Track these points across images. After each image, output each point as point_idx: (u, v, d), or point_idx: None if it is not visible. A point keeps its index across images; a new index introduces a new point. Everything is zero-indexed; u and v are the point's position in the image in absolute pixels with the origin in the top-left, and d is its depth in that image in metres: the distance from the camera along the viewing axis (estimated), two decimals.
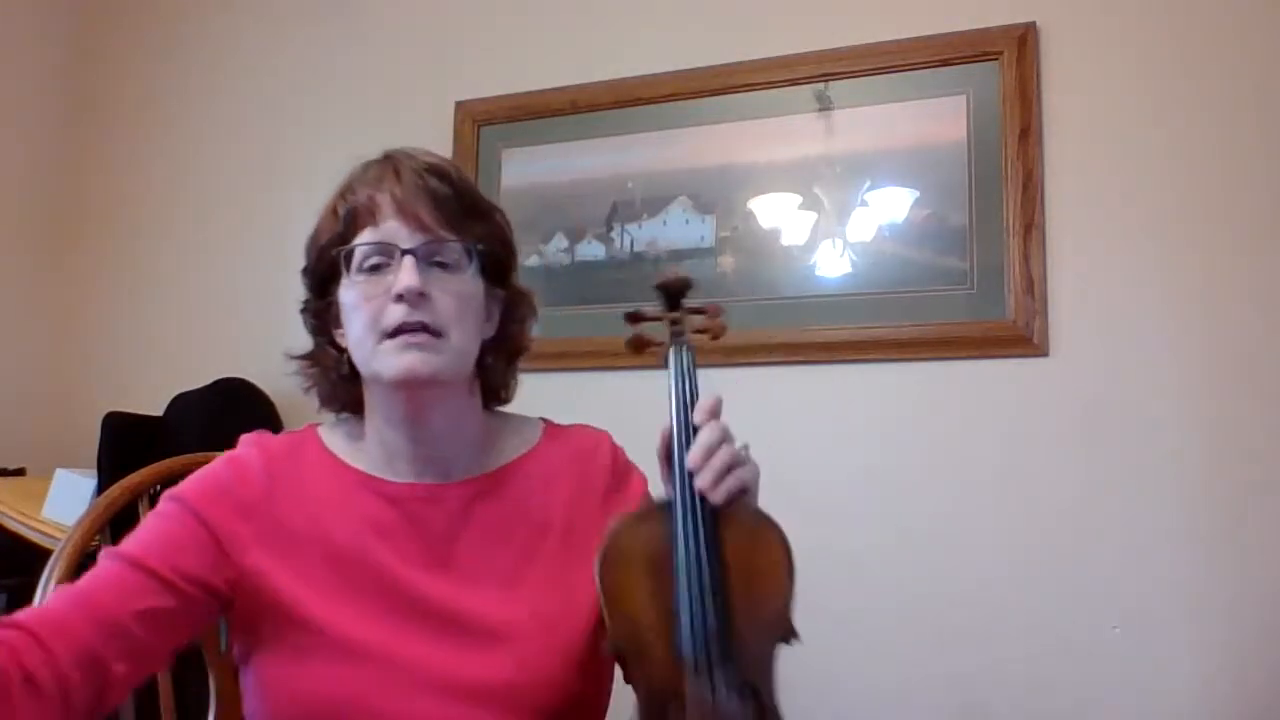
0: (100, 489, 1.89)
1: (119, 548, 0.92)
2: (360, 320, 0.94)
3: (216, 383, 2.22)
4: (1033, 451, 1.80)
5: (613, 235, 2.15)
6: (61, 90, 2.69)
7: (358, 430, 1.02)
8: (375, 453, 1.00)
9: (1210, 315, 1.72)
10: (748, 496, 0.93)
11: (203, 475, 0.98)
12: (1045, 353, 1.80)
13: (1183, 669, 1.68)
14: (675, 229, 2.10)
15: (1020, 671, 1.76)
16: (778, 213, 2.02)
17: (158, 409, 2.18)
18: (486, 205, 1.02)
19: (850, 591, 1.82)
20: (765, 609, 0.91)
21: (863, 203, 1.96)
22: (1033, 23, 1.87)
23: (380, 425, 0.99)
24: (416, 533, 0.96)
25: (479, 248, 0.97)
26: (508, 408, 1.08)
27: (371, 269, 0.94)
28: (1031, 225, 1.82)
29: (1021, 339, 1.81)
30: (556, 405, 1.13)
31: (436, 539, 0.97)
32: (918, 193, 1.92)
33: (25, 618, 0.84)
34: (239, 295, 2.45)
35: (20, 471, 2.38)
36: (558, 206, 2.16)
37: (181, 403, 2.18)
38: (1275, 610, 1.64)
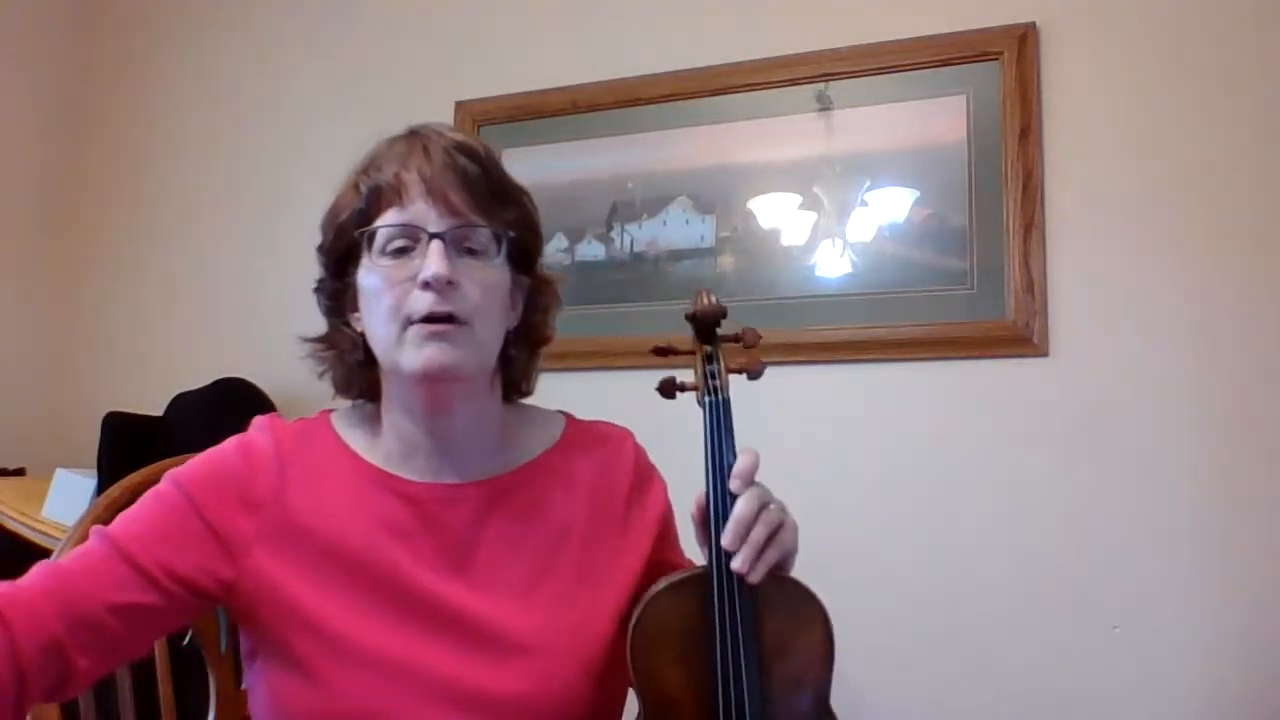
0: (100, 489, 1.89)
1: (110, 528, 0.89)
2: (382, 307, 0.89)
3: (216, 383, 2.21)
4: (1032, 452, 1.80)
5: (613, 235, 2.15)
6: (61, 91, 2.68)
7: (373, 419, 0.98)
8: (392, 446, 0.96)
9: (1210, 315, 1.72)
10: (788, 562, 0.91)
11: (209, 459, 0.93)
12: (1045, 353, 1.80)
13: (1183, 669, 1.68)
14: (675, 229, 2.10)
15: (1018, 670, 1.76)
16: (778, 213, 2.02)
17: (158, 409, 2.17)
18: (515, 187, 0.98)
19: (849, 591, 1.80)
20: (802, 692, 0.88)
21: (863, 203, 1.96)
22: (1033, 23, 1.87)
23: (398, 417, 0.95)
24: (433, 536, 0.92)
25: (510, 234, 0.93)
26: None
27: (395, 252, 0.89)
28: (1031, 225, 1.82)
29: (1021, 339, 1.81)
30: (556, 406, 1.11)
31: (454, 543, 0.93)
32: (918, 193, 1.92)
33: None
34: (239, 295, 2.45)
35: (20, 471, 2.38)
36: (557, 207, 2.15)
37: (181, 403, 2.18)
38: (1276, 610, 1.64)
